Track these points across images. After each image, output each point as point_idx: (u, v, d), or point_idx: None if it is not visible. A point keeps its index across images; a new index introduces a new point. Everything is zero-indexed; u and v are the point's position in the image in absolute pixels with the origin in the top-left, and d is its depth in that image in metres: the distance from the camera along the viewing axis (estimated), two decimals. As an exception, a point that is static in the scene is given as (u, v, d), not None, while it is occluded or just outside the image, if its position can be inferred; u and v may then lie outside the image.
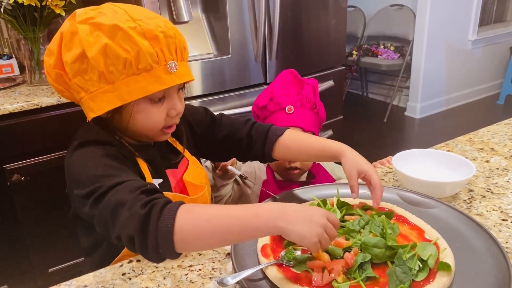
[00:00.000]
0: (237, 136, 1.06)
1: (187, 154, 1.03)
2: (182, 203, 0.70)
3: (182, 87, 0.91)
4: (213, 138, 1.08)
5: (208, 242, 0.70)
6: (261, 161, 1.08)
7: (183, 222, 0.66)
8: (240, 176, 1.20)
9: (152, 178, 0.91)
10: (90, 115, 0.82)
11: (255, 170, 1.33)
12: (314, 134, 1.22)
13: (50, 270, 1.93)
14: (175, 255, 0.68)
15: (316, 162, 1.33)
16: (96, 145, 0.83)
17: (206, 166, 1.25)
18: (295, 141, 1.02)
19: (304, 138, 1.02)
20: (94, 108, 0.81)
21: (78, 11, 0.82)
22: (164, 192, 0.88)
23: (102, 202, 0.72)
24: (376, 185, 0.89)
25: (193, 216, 0.68)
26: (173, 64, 0.82)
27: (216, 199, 1.26)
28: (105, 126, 0.87)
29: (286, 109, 1.18)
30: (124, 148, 0.88)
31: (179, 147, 1.03)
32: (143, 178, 0.89)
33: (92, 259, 0.96)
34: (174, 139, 1.03)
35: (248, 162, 1.36)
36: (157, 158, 0.96)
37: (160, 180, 0.94)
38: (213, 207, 0.75)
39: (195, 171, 1.02)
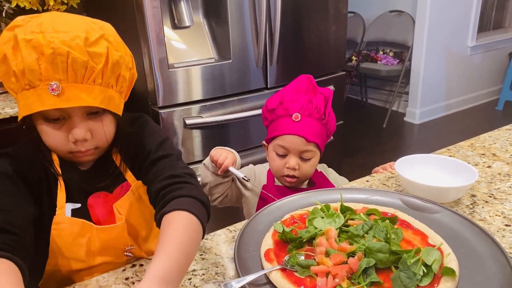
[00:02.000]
0: (150, 189, 0.91)
1: (130, 178, 0.96)
2: None
3: (97, 111, 0.83)
4: (140, 173, 0.96)
5: None
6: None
7: None
8: (243, 178, 1.20)
9: (67, 202, 0.89)
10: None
11: (255, 172, 1.32)
12: (317, 145, 1.21)
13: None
14: None
15: (318, 170, 1.32)
16: (3, 158, 0.84)
17: (204, 164, 1.25)
18: (162, 229, 0.78)
19: (164, 236, 0.75)
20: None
21: (19, 17, 0.78)
22: (74, 218, 0.88)
23: None
24: None
25: None
26: (55, 85, 0.74)
27: (212, 197, 1.26)
28: (38, 139, 0.85)
29: (293, 116, 1.17)
30: (47, 167, 0.88)
31: (128, 173, 0.96)
32: (54, 199, 0.88)
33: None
34: (122, 161, 0.96)
35: (250, 166, 1.36)
36: (77, 182, 0.92)
37: (78, 205, 0.91)
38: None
39: (136, 198, 0.95)
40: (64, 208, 0.88)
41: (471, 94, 4.68)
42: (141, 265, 0.85)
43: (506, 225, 0.93)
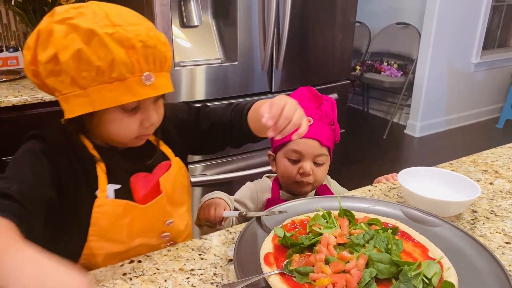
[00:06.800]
0: (223, 121, 1.03)
1: (170, 155, 1.00)
2: None
3: (161, 96, 0.88)
4: (200, 130, 1.05)
5: None
6: (250, 140, 1.03)
7: None
8: (239, 214, 1.10)
9: (109, 183, 0.90)
10: (65, 116, 0.81)
11: (256, 191, 1.27)
12: (329, 149, 1.19)
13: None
14: None
15: (323, 183, 1.29)
16: (35, 140, 0.85)
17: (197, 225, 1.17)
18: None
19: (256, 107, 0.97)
20: (66, 110, 0.80)
21: (58, 9, 0.79)
22: (117, 199, 0.89)
23: None
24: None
25: None
26: (149, 75, 0.79)
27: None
28: (77, 126, 0.87)
29: None
30: (80, 151, 0.88)
31: (167, 150, 1.00)
32: (95, 182, 0.88)
33: None
34: (160, 140, 1.00)
35: (248, 184, 1.30)
36: (119, 163, 0.93)
37: (118, 186, 0.91)
38: None
39: (178, 173, 1.00)
40: (106, 191, 0.88)
41: (472, 111, 4.69)
42: (139, 261, 0.84)
43: (506, 243, 0.93)
